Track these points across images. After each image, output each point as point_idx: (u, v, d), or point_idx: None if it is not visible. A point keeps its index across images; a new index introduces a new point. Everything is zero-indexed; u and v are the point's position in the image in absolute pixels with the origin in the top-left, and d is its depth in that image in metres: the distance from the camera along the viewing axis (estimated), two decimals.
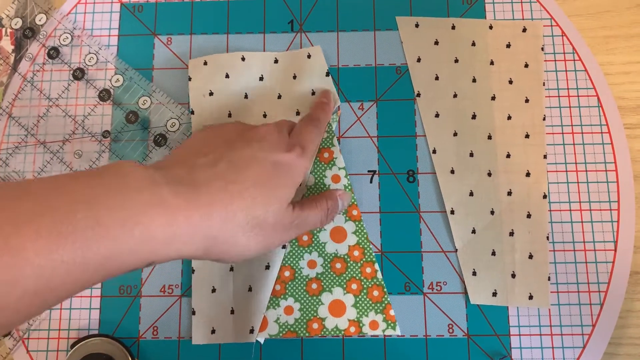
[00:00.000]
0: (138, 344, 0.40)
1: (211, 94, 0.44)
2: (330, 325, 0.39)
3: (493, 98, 0.43)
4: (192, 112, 0.43)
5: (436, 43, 0.44)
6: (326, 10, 0.45)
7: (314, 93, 0.43)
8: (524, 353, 0.39)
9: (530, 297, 0.40)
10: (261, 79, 0.44)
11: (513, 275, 0.40)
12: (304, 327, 0.39)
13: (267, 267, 0.40)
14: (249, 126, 0.36)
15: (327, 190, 0.39)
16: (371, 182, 0.42)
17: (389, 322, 0.39)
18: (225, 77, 0.44)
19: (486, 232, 0.41)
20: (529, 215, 0.41)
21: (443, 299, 0.40)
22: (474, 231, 0.41)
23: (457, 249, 0.41)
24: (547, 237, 0.41)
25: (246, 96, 0.44)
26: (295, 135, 0.36)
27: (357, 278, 0.40)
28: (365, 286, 0.40)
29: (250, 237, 0.30)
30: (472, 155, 0.42)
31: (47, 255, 0.23)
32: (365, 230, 0.41)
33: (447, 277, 0.41)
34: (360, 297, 0.40)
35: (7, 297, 0.22)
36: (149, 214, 0.26)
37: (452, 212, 0.41)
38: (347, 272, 0.40)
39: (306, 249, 0.41)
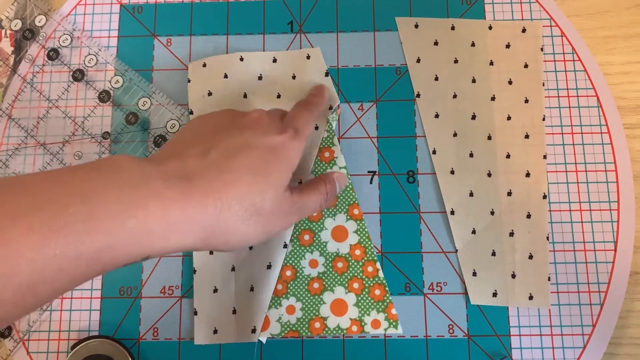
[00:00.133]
0: (138, 345, 0.40)
1: (210, 94, 0.44)
2: (332, 324, 0.39)
3: (493, 98, 0.43)
4: (191, 112, 0.43)
5: (436, 44, 0.44)
6: (326, 11, 0.45)
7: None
8: (524, 353, 0.39)
9: (531, 298, 0.40)
10: (260, 78, 0.44)
11: (513, 276, 0.40)
12: (305, 327, 0.39)
13: (268, 267, 0.40)
14: (239, 113, 0.35)
15: (324, 174, 0.38)
16: (371, 182, 0.42)
17: (391, 320, 0.40)
18: (224, 77, 0.44)
19: (486, 232, 0.41)
20: (529, 216, 0.41)
21: (443, 299, 0.40)
22: (474, 232, 0.41)
23: (457, 250, 0.41)
24: (547, 238, 0.41)
25: (245, 96, 0.44)
26: (288, 119, 0.36)
27: (359, 277, 0.40)
28: (366, 285, 0.40)
29: (250, 225, 0.30)
30: (472, 155, 0.42)
31: (39, 250, 0.23)
32: (366, 229, 0.41)
33: (448, 278, 0.41)
34: (362, 296, 0.40)
35: (3, 290, 0.22)
36: (143, 207, 0.26)
37: (452, 212, 0.41)
38: (348, 271, 0.40)
39: (308, 248, 0.41)
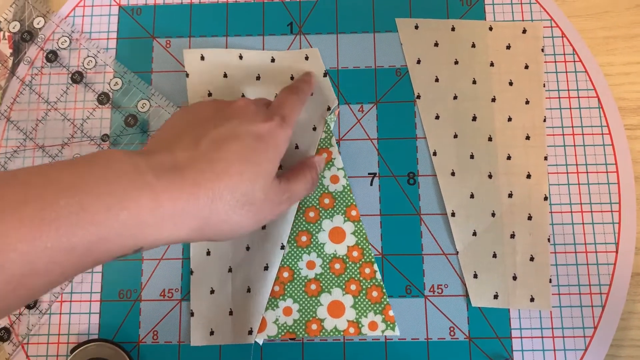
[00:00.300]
0: (138, 349, 0.40)
1: (210, 94, 0.44)
2: (329, 326, 0.39)
3: (493, 100, 0.43)
4: None
5: (436, 45, 0.44)
6: (325, 12, 0.45)
7: (312, 94, 0.43)
8: (525, 356, 0.39)
9: (532, 300, 0.40)
10: (258, 78, 0.44)
11: (514, 278, 0.40)
12: (302, 328, 0.39)
13: (265, 268, 0.40)
14: (225, 102, 0.35)
15: (305, 160, 0.39)
16: (371, 184, 0.42)
17: (388, 322, 0.39)
18: (224, 77, 0.44)
19: (487, 234, 0.41)
20: (529, 217, 0.41)
21: (444, 301, 0.40)
22: (474, 233, 0.41)
23: (458, 252, 0.41)
24: (548, 239, 0.41)
25: (243, 96, 0.44)
26: (274, 106, 0.36)
27: (356, 279, 0.40)
28: (364, 287, 0.40)
29: (242, 215, 0.30)
30: (472, 157, 0.42)
31: (30, 242, 0.23)
32: (364, 231, 0.41)
33: (448, 280, 0.40)
34: (359, 297, 0.40)
35: None
36: (134, 199, 0.26)
37: (453, 214, 0.41)
38: (346, 273, 0.40)
39: (305, 249, 0.41)
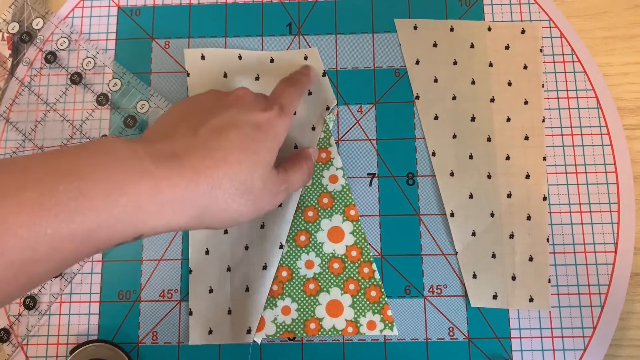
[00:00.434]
0: (137, 349, 0.40)
1: None
2: (328, 325, 0.39)
3: (492, 100, 0.43)
4: None
5: (435, 45, 0.44)
6: (324, 13, 0.45)
7: (310, 93, 0.43)
8: (525, 356, 0.39)
9: (531, 300, 0.40)
10: (257, 78, 0.44)
11: (513, 278, 0.40)
12: (301, 328, 0.39)
13: (264, 268, 0.40)
14: (223, 92, 0.35)
15: (299, 151, 0.39)
16: (370, 185, 0.42)
17: (387, 322, 0.39)
18: (224, 77, 0.44)
19: (486, 234, 0.41)
20: (529, 218, 0.41)
21: (443, 302, 0.40)
22: (474, 234, 0.41)
23: (457, 252, 0.41)
24: (547, 239, 0.41)
25: None
26: (273, 96, 0.36)
27: (355, 278, 0.40)
28: (362, 286, 0.40)
29: (241, 204, 0.30)
30: (471, 157, 0.42)
31: (30, 228, 0.23)
32: (362, 231, 0.41)
33: (448, 280, 0.41)
34: (357, 297, 0.40)
35: None
36: (134, 185, 0.26)
37: (452, 214, 0.41)
38: (344, 273, 0.40)
39: (304, 249, 0.41)
